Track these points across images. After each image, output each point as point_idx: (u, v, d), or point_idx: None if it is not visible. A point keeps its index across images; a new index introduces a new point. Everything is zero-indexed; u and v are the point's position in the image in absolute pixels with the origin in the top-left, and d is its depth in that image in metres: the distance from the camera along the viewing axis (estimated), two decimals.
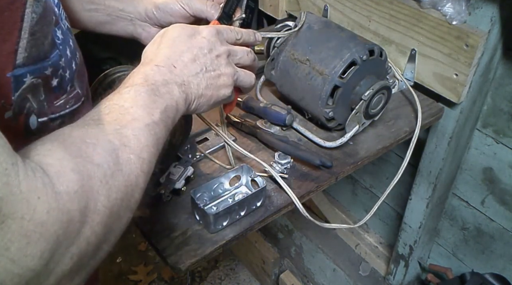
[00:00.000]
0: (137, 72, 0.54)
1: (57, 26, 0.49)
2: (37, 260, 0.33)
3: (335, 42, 0.88)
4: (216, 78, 0.60)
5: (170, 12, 0.76)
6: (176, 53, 0.57)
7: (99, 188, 0.39)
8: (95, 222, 0.39)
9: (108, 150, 0.42)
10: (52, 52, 0.48)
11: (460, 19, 0.90)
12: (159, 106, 0.50)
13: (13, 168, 0.32)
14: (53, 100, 0.50)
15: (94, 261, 0.41)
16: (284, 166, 0.82)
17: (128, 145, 0.44)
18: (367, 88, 0.85)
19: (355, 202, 1.58)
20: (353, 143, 0.91)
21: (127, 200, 0.43)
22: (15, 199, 0.32)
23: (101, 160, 0.41)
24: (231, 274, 1.99)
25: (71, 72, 0.52)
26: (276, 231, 1.85)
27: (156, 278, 1.95)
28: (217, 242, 0.71)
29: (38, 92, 0.47)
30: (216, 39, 0.61)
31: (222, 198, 0.78)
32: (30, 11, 0.44)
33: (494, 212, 1.15)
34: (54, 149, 0.39)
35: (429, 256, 1.40)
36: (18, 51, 0.43)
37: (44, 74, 0.47)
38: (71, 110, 0.53)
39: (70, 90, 0.53)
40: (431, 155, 1.12)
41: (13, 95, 0.44)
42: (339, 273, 1.58)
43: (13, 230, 0.32)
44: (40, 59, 0.46)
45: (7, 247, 0.31)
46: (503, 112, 1.03)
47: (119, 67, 0.89)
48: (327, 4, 1.16)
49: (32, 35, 0.44)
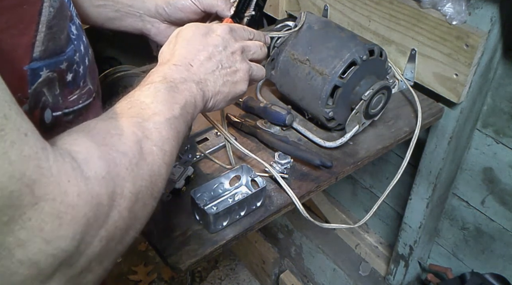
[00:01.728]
0: (155, 71, 0.55)
1: (71, 22, 0.50)
2: (69, 241, 0.34)
3: (335, 42, 0.88)
4: (233, 75, 0.62)
5: (180, 7, 0.76)
6: (192, 52, 0.59)
7: (125, 175, 0.41)
8: (122, 207, 0.40)
9: (132, 141, 0.44)
10: (67, 46, 0.49)
11: (460, 19, 0.90)
12: (178, 101, 0.52)
13: (43, 152, 0.34)
14: (67, 95, 0.51)
15: (121, 246, 0.42)
16: (284, 166, 0.82)
17: (150, 138, 0.46)
18: (367, 88, 0.85)
19: (355, 202, 1.58)
20: (353, 143, 0.91)
21: (151, 188, 0.45)
22: (46, 182, 0.33)
23: (126, 149, 0.43)
24: (231, 274, 1.99)
25: (84, 67, 0.53)
26: (276, 231, 1.85)
27: (156, 278, 1.95)
28: (217, 242, 0.71)
29: (53, 86, 0.48)
30: (230, 36, 0.63)
31: (222, 198, 0.78)
32: (47, 5, 0.45)
33: (494, 212, 1.15)
34: (80, 139, 0.40)
35: (429, 256, 1.40)
36: (35, 44, 0.44)
37: (60, 68, 0.48)
38: (83, 105, 0.54)
39: (83, 86, 0.54)
40: (431, 155, 1.12)
41: (29, 89, 0.45)
42: (339, 273, 1.58)
43: (46, 211, 0.33)
44: (56, 53, 0.47)
45: (41, 227, 0.32)
46: (503, 112, 1.03)
47: (119, 67, 0.89)
48: (327, 4, 1.16)
49: (49, 29, 0.45)
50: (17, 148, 0.31)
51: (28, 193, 0.31)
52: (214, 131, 0.91)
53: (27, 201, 0.31)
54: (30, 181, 0.32)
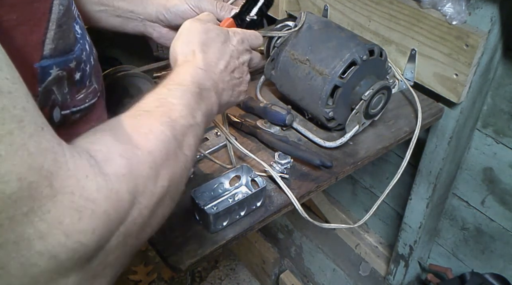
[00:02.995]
0: (183, 71, 0.56)
1: (75, 21, 0.51)
2: (90, 235, 0.34)
3: (335, 42, 0.88)
4: (240, 85, 0.64)
5: (181, 14, 0.77)
6: (213, 59, 0.60)
7: (148, 173, 0.41)
8: (142, 204, 0.40)
9: (160, 140, 0.44)
10: (76, 45, 0.49)
11: (460, 19, 0.90)
12: (202, 108, 0.53)
13: (59, 147, 0.34)
14: (75, 93, 0.52)
15: (138, 242, 0.42)
16: (284, 166, 0.82)
17: (177, 140, 0.47)
18: (367, 88, 0.85)
19: (355, 202, 1.58)
20: (353, 143, 0.91)
21: (172, 190, 0.45)
22: (64, 175, 0.33)
23: (152, 148, 0.43)
24: (231, 274, 1.99)
25: (91, 66, 0.54)
26: (276, 231, 1.85)
27: (156, 278, 1.95)
28: (217, 242, 0.71)
29: (62, 84, 0.49)
30: (243, 47, 0.65)
31: (222, 198, 0.78)
32: (57, 3, 0.46)
33: (494, 212, 1.15)
34: (103, 138, 0.41)
35: (429, 256, 1.40)
36: (45, 42, 0.45)
37: (69, 67, 0.49)
38: (90, 104, 0.55)
39: (89, 85, 0.55)
40: (431, 155, 1.12)
41: (40, 87, 0.45)
42: (339, 273, 1.58)
43: (65, 204, 0.33)
44: (66, 51, 0.48)
45: (60, 220, 0.32)
46: (503, 112, 1.03)
47: (120, 67, 0.89)
48: (327, 4, 1.16)
49: (59, 27, 0.46)
50: (36, 140, 0.32)
51: (47, 185, 0.32)
52: (214, 131, 0.91)
53: (45, 193, 0.32)
54: (49, 173, 0.32)
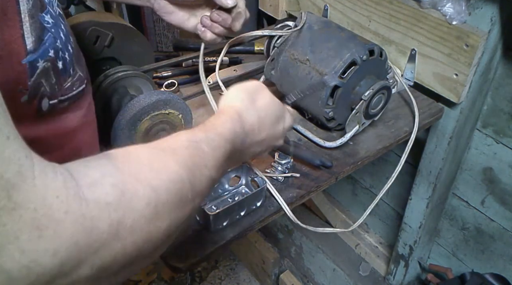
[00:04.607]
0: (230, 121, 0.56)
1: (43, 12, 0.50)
2: (49, 257, 0.32)
3: (335, 42, 0.88)
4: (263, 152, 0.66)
5: None
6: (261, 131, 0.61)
7: (144, 210, 0.38)
8: (127, 240, 0.37)
9: (171, 180, 0.42)
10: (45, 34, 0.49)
11: (460, 19, 0.90)
12: (226, 168, 0.54)
13: (26, 160, 0.32)
14: (62, 82, 0.52)
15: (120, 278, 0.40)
16: (284, 166, 0.82)
17: (192, 186, 0.44)
18: (367, 88, 0.85)
19: (355, 202, 1.58)
20: (353, 143, 0.91)
21: (168, 232, 0.42)
22: (28, 190, 0.31)
23: (160, 186, 0.40)
24: (231, 274, 1.99)
25: (70, 54, 0.54)
26: (276, 231, 1.85)
27: (156, 278, 1.95)
28: (217, 242, 0.71)
29: (49, 75, 0.49)
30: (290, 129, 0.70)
31: (222, 198, 0.78)
32: None
33: (494, 212, 1.15)
34: (104, 165, 0.38)
35: (429, 256, 1.40)
36: (25, 36, 0.45)
37: (49, 56, 0.49)
38: (77, 91, 0.56)
39: (74, 73, 0.55)
40: (431, 155, 1.12)
41: (29, 81, 0.46)
42: (339, 273, 1.58)
43: (25, 220, 0.31)
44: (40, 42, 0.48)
45: (17, 235, 0.31)
46: (503, 112, 1.03)
47: (119, 67, 0.89)
48: (327, 4, 1.16)
49: (32, 18, 0.46)
50: None
51: (5, 197, 0.30)
52: None
53: (2, 204, 0.30)
54: (8, 184, 0.30)
